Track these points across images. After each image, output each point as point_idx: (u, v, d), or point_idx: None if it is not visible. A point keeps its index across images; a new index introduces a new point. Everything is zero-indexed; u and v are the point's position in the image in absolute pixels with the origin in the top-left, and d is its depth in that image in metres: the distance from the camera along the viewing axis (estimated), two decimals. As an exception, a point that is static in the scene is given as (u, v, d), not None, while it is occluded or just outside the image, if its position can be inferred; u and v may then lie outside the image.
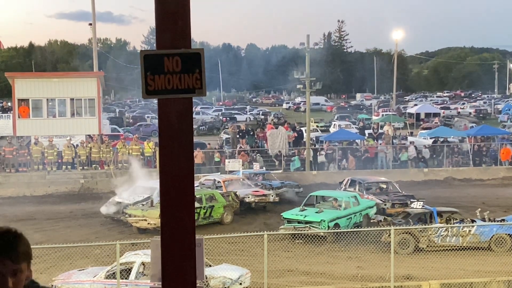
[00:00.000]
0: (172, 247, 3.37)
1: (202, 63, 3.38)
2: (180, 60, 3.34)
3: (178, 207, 3.35)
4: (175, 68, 3.34)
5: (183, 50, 3.33)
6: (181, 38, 3.34)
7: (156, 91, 3.35)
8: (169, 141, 3.36)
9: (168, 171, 3.37)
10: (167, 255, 3.38)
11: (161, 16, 3.32)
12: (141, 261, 14.37)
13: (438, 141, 38.98)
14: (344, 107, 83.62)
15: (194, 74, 3.36)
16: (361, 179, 28.06)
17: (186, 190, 3.39)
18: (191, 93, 3.37)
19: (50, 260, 17.90)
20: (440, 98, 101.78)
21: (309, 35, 37.75)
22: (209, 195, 24.39)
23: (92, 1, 43.23)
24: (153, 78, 3.33)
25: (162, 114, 3.37)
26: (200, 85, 3.38)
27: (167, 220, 3.38)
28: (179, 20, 3.32)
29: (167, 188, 3.39)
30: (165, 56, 3.33)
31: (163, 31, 3.34)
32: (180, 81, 3.35)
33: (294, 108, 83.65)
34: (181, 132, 3.37)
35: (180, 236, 3.36)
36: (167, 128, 3.37)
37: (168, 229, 3.38)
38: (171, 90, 3.34)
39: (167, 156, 3.37)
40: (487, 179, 34.88)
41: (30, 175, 32.49)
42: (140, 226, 22.63)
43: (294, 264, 18.13)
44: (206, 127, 57.19)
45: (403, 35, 77.88)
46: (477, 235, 19.60)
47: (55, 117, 35.51)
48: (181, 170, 3.36)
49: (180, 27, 3.33)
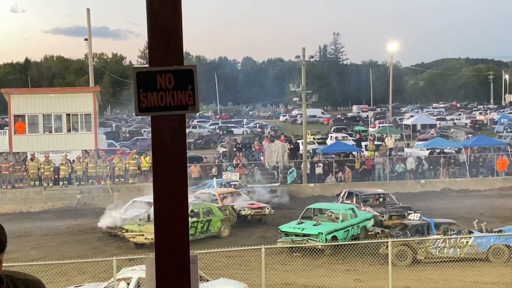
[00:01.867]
0: (166, 264, 3.36)
1: (194, 80, 3.38)
2: (173, 77, 3.34)
3: (172, 224, 3.35)
4: (168, 85, 3.34)
5: (175, 67, 3.33)
6: (173, 55, 3.34)
7: (149, 108, 3.35)
8: (163, 158, 3.36)
9: (161, 189, 3.36)
10: (162, 272, 3.37)
11: (153, 33, 3.33)
12: (138, 276, 14.30)
13: (434, 152, 39.03)
14: (341, 119, 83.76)
15: (187, 90, 3.36)
16: (358, 191, 28.06)
17: (180, 207, 3.38)
18: (184, 110, 3.37)
19: (47, 277, 17.80)
20: (436, 109, 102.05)
21: (305, 48, 37.96)
22: (206, 209, 24.34)
23: (87, 16, 43.41)
24: (146, 95, 3.33)
25: (155, 131, 3.37)
26: (193, 102, 3.38)
27: (161, 237, 3.37)
28: (172, 37, 3.32)
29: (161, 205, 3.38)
30: (158, 73, 3.33)
31: (156, 48, 3.34)
32: (173, 98, 3.35)
33: (291, 121, 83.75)
34: (175, 149, 3.37)
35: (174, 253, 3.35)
36: (160, 145, 3.37)
37: (162, 246, 3.37)
38: (164, 107, 3.34)
39: (161, 173, 3.36)
40: (484, 190, 34.91)
41: (27, 191, 32.42)
42: (137, 241, 22.55)
43: (292, 277, 18.07)
44: (203, 140, 57.17)
45: (398, 47, 78.27)
46: (474, 246, 19.57)
47: (51, 132, 35.48)
48: (175, 187, 3.35)
49: (172, 44, 3.34)
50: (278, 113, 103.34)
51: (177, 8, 3.33)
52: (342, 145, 42.32)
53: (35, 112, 35.04)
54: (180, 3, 3.37)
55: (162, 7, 3.30)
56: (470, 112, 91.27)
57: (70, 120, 35.39)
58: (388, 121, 68.49)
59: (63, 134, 35.31)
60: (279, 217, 27.16)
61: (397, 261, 18.88)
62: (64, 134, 35.30)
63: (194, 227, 23.23)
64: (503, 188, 35.14)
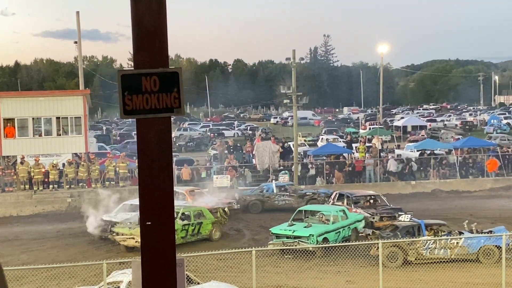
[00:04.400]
0: (152, 267, 3.35)
1: (180, 82, 3.38)
2: (158, 80, 3.34)
3: (158, 227, 3.34)
4: (153, 88, 3.34)
5: (160, 69, 3.33)
6: (158, 57, 3.34)
7: (134, 110, 3.34)
8: (149, 162, 3.35)
9: (147, 192, 3.35)
10: (148, 276, 3.36)
11: (138, 36, 3.32)
12: (128, 280, 14.24)
13: (425, 154, 39.14)
14: (332, 121, 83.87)
15: (172, 93, 3.36)
16: (349, 192, 28.08)
17: (166, 210, 3.37)
18: (170, 112, 3.36)
19: (37, 281, 17.73)
20: (426, 111, 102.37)
21: (295, 50, 38.01)
22: (197, 212, 24.30)
23: (77, 19, 43.24)
24: (131, 98, 3.33)
25: (140, 134, 3.37)
26: (179, 104, 3.38)
27: (147, 240, 3.36)
28: (156, 39, 3.32)
29: (147, 209, 3.37)
30: (143, 76, 3.33)
31: (140, 51, 3.34)
32: (158, 100, 3.35)
33: (282, 123, 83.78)
34: (161, 152, 3.36)
35: (160, 256, 3.34)
36: (146, 148, 3.36)
37: (149, 250, 3.36)
38: (149, 110, 3.34)
39: (147, 176, 3.36)
40: (474, 191, 35.03)
41: (17, 195, 32.25)
42: (127, 245, 22.47)
43: (283, 279, 18.05)
44: (194, 143, 57.10)
45: (388, 48, 78.39)
46: (465, 247, 19.61)
47: (41, 136, 35.33)
48: (161, 190, 3.35)
49: (157, 47, 3.33)
50: (269, 115, 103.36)
51: (162, 11, 3.33)
52: (333, 146, 42.35)
53: (25, 116, 34.88)
54: (165, 6, 3.37)
55: (147, 10, 3.29)
56: (460, 113, 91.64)
57: (60, 123, 35.26)
58: (378, 123, 68.62)
59: (53, 137, 35.16)
60: (270, 219, 27.17)
61: (388, 263, 18.90)
62: (54, 137, 35.15)
63: (185, 230, 23.17)
64: (493, 189, 35.27)
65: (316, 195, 30.29)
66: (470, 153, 38.79)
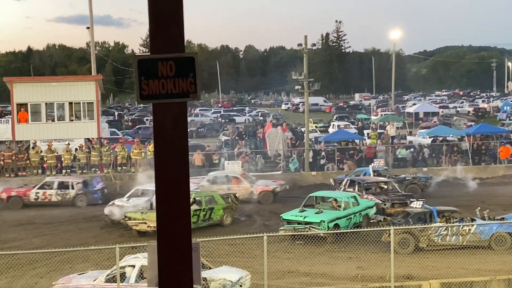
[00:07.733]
0: (168, 251, 3.37)
1: (196, 67, 3.38)
2: (174, 65, 3.34)
3: (174, 212, 3.36)
4: (169, 73, 3.35)
5: (176, 54, 3.34)
6: (174, 42, 3.34)
7: (151, 95, 3.35)
8: (164, 146, 3.37)
9: (163, 176, 3.37)
10: (164, 260, 3.38)
11: (154, 22, 3.32)
12: (141, 264, 14.36)
13: (437, 140, 38.97)
14: (343, 107, 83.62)
15: (188, 78, 3.37)
16: (360, 179, 28.04)
17: (181, 194, 3.39)
18: (186, 97, 3.37)
19: (50, 265, 17.90)
20: (438, 97, 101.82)
21: (307, 36, 37.74)
22: (208, 197, 24.37)
23: (90, 5, 43.27)
24: (148, 83, 3.34)
25: (156, 119, 3.38)
26: (195, 89, 3.39)
27: (163, 224, 3.38)
28: (173, 25, 3.32)
29: (163, 193, 3.39)
30: (159, 61, 3.33)
31: (157, 36, 3.34)
32: (174, 85, 3.36)
33: (293, 109, 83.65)
34: (176, 137, 3.38)
35: (176, 241, 3.37)
36: (162, 133, 3.37)
37: (164, 234, 3.38)
38: (166, 94, 3.35)
39: (163, 161, 3.37)
40: (487, 178, 34.86)
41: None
42: (140, 229, 22.60)
43: (294, 265, 18.11)
44: (205, 129, 57.16)
45: (401, 34, 77.87)
46: (477, 234, 19.58)
47: (54, 121, 35.51)
48: (177, 175, 3.36)
49: (173, 32, 3.33)
50: (280, 101, 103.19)
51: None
52: (344, 133, 42.26)
53: (38, 101, 35.08)
54: (181, -10, 3.36)
55: (163, -6, 3.30)
56: (473, 100, 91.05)
57: (72, 108, 35.43)
58: (390, 109, 68.36)
59: (66, 122, 35.34)
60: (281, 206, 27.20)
61: (399, 249, 18.90)
62: (67, 122, 35.33)
63: (196, 215, 23.26)
64: (505, 176, 35.08)
65: (416, 179, 30.31)
66: (482, 140, 38.57)
